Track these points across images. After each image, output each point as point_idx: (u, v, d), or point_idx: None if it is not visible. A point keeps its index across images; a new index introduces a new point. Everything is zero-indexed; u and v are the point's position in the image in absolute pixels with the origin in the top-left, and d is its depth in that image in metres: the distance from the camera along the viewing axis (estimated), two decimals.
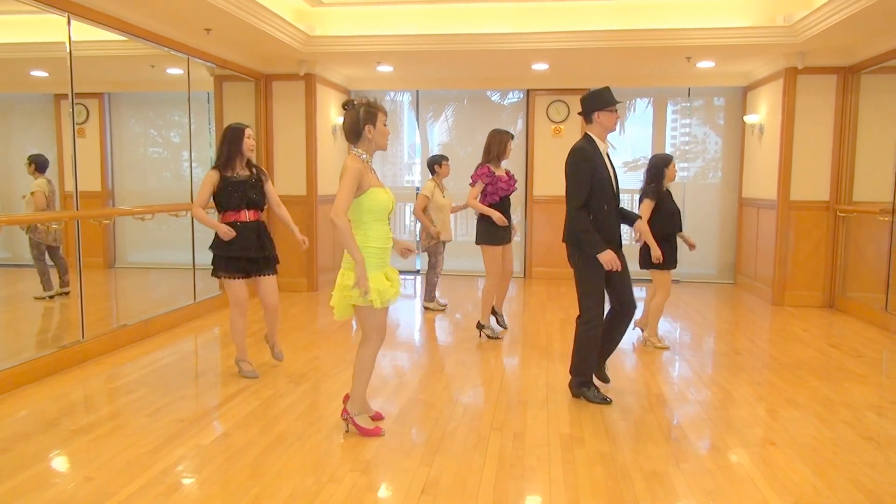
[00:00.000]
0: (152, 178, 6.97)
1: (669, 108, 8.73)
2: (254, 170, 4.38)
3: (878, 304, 6.15)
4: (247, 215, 4.27)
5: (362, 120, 3.23)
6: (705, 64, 7.39)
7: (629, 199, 8.34)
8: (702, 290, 8.08)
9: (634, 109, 8.84)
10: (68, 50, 4.67)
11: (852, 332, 5.88)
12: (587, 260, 3.81)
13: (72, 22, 4.65)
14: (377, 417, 3.64)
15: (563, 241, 3.98)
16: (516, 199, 6.04)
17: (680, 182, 8.69)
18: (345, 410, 3.47)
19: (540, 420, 3.66)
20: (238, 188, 4.24)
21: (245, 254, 4.23)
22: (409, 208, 9.51)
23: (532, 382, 4.33)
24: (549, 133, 8.57)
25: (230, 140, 4.26)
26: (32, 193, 5.07)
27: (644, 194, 5.10)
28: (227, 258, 4.23)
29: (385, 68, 7.81)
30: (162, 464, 3.06)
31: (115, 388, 4.20)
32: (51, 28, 4.63)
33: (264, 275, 4.37)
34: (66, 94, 4.73)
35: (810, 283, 7.05)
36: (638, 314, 5.93)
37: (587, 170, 3.75)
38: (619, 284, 3.93)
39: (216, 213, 4.38)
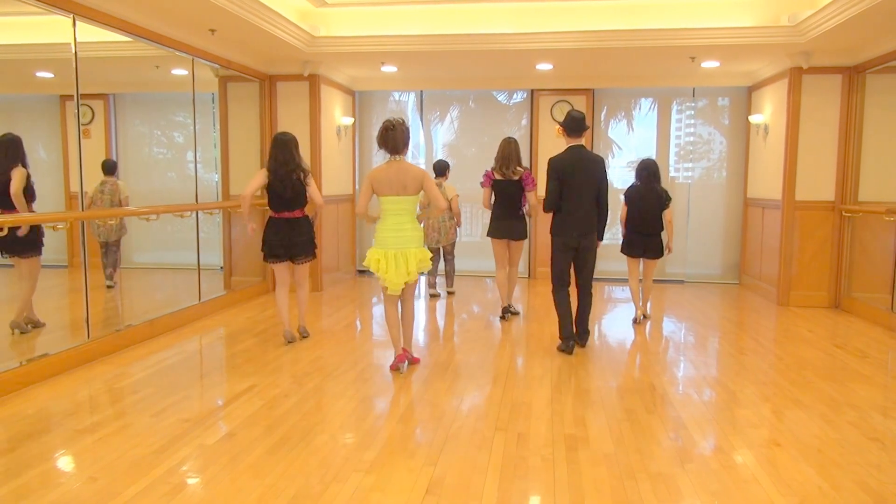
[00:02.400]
0: (157, 178, 6.99)
1: (674, 108, 8.72)
2: None
3: (883, 304, 6.13)
4: None
5: (409, 135, 4.36)
6: (710, 64, 7.38)
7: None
8: (706, 291, 8.06)
9: (639, 110, 8.83)
10: (74, 51, 4.68)
11: (858, 333, 5.86)
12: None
13: (77, 23, 4.66)
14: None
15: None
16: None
17: (685, 182, 8.70)
18: (406, 351, 4.57)
19: (544, 420, 3.66)
20: None
21: None
22: None
23: (536, 382, 4.33)
24: (552, 133, 8.55)
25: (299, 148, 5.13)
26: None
27: (667, 198, 5.83)
28: None
29: (389, 69, 7.82)
30: (167, 464, 3.07)
31: (120, 388, 4.22)
32: (56, 29, 4.65)
33: None
34: (72, 95, 4.74)
35: (815, 284, 7.03)
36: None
37: None
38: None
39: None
